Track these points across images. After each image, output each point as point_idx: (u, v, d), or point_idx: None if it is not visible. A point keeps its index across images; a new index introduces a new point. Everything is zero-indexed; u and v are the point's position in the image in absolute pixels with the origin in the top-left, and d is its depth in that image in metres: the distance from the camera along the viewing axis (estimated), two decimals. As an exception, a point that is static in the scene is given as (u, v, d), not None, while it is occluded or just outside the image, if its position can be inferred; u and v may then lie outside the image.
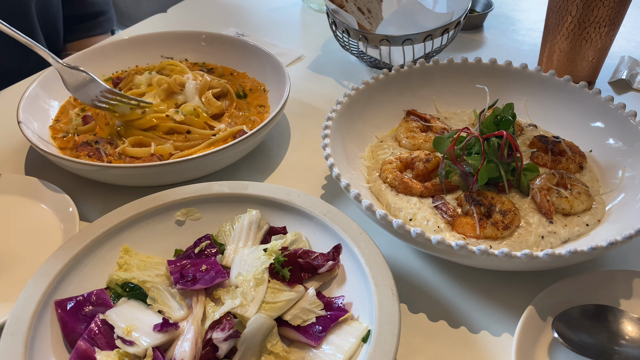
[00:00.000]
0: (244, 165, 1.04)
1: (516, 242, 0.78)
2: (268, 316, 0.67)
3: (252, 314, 0.67)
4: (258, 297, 0.69)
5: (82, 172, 0.92)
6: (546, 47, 1.18)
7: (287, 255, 0.73)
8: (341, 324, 0.69)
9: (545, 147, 0.91)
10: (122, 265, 0.74)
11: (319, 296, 0.72)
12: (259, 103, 1.14)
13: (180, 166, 0.89)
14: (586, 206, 0.82)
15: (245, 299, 0.68)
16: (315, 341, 0.67)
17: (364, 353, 0.64)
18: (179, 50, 1.25)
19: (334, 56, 1.39)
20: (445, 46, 1.24)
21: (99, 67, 1.19)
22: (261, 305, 0.68)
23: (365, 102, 0.98)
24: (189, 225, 0.81)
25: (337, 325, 0.69)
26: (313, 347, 0.67)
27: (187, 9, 1.64)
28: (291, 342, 0.70)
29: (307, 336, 0.68)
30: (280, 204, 0.81)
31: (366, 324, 0.67)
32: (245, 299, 0.68)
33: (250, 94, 1.16)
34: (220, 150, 0.91)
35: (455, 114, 1.04)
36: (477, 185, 0.82)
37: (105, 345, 0.66)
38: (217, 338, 0.64)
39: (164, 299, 0.70)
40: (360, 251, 0.72)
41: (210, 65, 1.24)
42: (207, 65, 1.24)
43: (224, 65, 1.24)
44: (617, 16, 1.08)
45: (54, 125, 1.06)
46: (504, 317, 0.76)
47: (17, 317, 0.65)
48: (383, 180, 0.88)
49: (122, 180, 0.93)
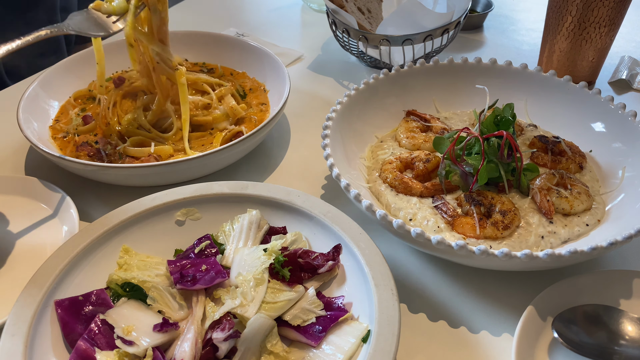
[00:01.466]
0: (244, 165, 1.04)
1: (516, 242, 0.78)
2: (268, 316, 0.67)
3: (252, 314, 0.67)
4: (258, 297, 0.69)
5: (82, 172, 0.92)
6: (546, 47, 1.18)
7: (287, 255, 0.73)
8: (341, 324, 0.69)
9: (545, 147, 0.91)
10: (122, 265, 0.74)
11: (319, 296, 0.72)
12: (260, 102, 1.13)
13: (180, 166, 0.89)
14: (586, 206, 0.82)
15: (245, 299, 0.68)
16: (315, 341, 0.67)
17: (364, 353, 0.64)
18: (178, 50, 1.25)
19: (334, 56, 1.39)
20: (445, 46, 1.24)
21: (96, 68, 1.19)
22: (261, 305, 0.68)
23: (365, 102, 0.98)
24: (189, 225, 0.81)
25: (337, 325, 0.69)
26: (313, 347, 0.67)
27: (188, 9, 1.64)
28: (291, 342, 0.70)
29: (307, 336, 0.68)
30: (280, 204, 0.81)
31: (366, 324, 0.67)
32: (245, 299, 0.68)
33: (250, 94, 1.16)
34: (219, 150, 0.91)
35: (456, 114, 1.04)
36: (477, 185, 0.82)
37: (105, 345, 0.65)
38: (217, 338, 0.64)
39: (164, 299, 0.70)
40: (360, 251, 0.72)
41: (210, 66, 1.24)
42: (207, 66, 1.24)
43: (223, 65, 1.24)
44: (617, 16, 1.08)
45: (54, 125, 1.06)
46: (504, 317, 0.76)
47: (17, 317, 0.65)
48: (383, 180, 0.88)
49: (122, 180, 0.93)
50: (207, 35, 1.26)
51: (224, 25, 1.54)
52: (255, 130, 0.94)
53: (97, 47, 1.04)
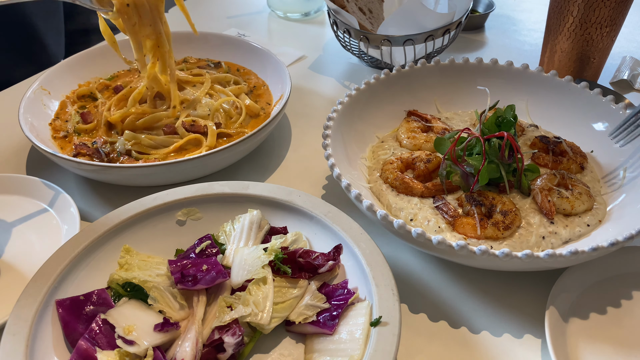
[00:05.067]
0: (245, 165, 1.04)
1: (517, 242, 0.78)
2: (280, 317, 0.69)
3: (267, 321, 0.67)
4: (268, 301, 0.69)
5: (83, 171, 0.92)
6: (547, 48, 1.18)
7: (287, 254, 0.74)
8: (349, 306, 0.70)
9: (546, 148, 0.91)
10: (123, 265, 0.74)
11: (324, 286, 0.74)
12: (266, 100, 1.14)
13: (181, 166, 0.89)
14: (587, 206, 0.82)
15: (258, 308, 0.68)
16: (330, 329, 0.68)
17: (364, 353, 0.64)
18: (180, 50, 1.25)
19: (335, 56, 1.39)
20: (446, 46, 1.24)
21: (99, 68, 1.20)
22: (273, 308, 0.69)
23: (366, 103, 0.98)
24: (190, 225, 0.82)
25: (346, 308, 0.70)
26: (329, 335, 0.68)
27: (189, 10, 1.64)
28: (304, 336, 0.71)
29: (321, 326, 0.69)
30: (281, 204, 0.81)
31: (368, 301, 0.68)
32: (258, 309, 0.68)
33: (255, 91, 1.17)
34: (220, 150, 0.91)
35: (457, 114, 1.03)
36: (477, 185, 0.82)
37: (106, 345, 0.66)
38: (228, 342, 0.65)
39: (164, 299, 0.70)
40: (360, 251, 0.72)
41: (215, 61, 1.24)
42: (212, 61, 1.25)
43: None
44: (619, 16, 1.07)
45: (53, 123, 1.06)
46: (505, 317, 0.76)
47: (18, 317, 0.65)
48: (384, 180, 0.88)
49: (122, 180, 0.93)
50: (207, 35, 1.26)
51: (225, 25, 1.54)
52: (256, 131, 0.94)
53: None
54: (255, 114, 1.09)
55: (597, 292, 0.76)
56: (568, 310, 0.74)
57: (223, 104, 1.07)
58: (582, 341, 0.71)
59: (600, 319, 0.74)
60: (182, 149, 0.99)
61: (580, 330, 0.72)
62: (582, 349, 0.70)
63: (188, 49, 1.26)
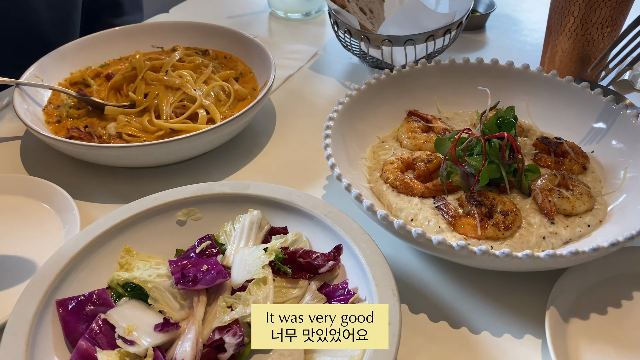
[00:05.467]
0: (245, 166, 1.04)
1: (517, 242, 0.78)
2: None
3: None
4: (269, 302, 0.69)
5: (77, 153, 0.96)
6: (548, 48, 1.18)
7: (287, 254, 0.74)
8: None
9: (547, 149, 0.91)
10: (124, 265, 0.74)
11: (324, 286, 0.74)
12: (252, 86, 1.18)
13: (171, 146, 0.93)
14: (588, 207, 0.82)
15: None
16: None
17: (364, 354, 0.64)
18: (169, 39, 1.29)
19: (335, 56, 1.39)
20: (447, 47, 1.24)
21: (90, 56, 1.23)
22: None
23: (366, 103, 0.98)
24: (190, 225, 0.82)
25: None
26: None
27: (189, 9, 1.65)
28: None
29: None
30: (281, 204, 0.81)
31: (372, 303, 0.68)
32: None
33: (241, 77, 1.20)
34: (207, 131, 0.94)
35: (457, 114, 1.03)
36: (478, 185, 0.82)
37: (107, 345, 0.66)
38: (229, 343, 0.65)
39: (165, 299, 0.70)
40: (361, 251, 0.72)
41: (202, 49, 1.27)
42: (200, 49, 1.27)
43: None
44: (620, 17, 1.07)
45: (46, 108, 1.09)
46: (505, 317, 0.76)
47: (19, 317, 0.65)
48: (384, 180, 0.88)
49: (113, 160, 0.97)
50: (193, 25, 1.30)
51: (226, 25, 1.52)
52: (244, 112, 0.98)
53: None
54: (243, 98, 1.13)
55: (597, 293, 0.76)
56: (568, 310, 0.74)
57: (214, 88, 1.12)
58: (582, 341, 0.71)
59: (601, 320, 0.73)
60: (174, 132, 1.03)
61: (581, 330, 0.72)
62: (582, 349, 0.70)
63: (176, 39, 1.29)
